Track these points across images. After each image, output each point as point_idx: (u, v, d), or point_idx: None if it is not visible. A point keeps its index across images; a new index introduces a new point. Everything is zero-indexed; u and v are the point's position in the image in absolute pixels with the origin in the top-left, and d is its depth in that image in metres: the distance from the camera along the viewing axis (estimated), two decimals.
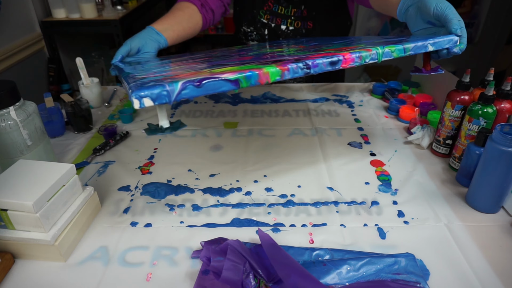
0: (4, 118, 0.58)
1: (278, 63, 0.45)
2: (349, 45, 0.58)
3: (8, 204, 0.49)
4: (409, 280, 0.48)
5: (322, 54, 0.49)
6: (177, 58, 0.72)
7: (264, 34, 1.00)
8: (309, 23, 0.96)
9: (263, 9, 0.97)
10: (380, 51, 0.50)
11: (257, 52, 0.66)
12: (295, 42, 0.78)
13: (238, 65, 0.48)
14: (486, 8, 2.42)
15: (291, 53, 0.61)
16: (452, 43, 0.54)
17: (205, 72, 0.44)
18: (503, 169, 0.56)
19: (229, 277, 0.45)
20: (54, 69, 1.67)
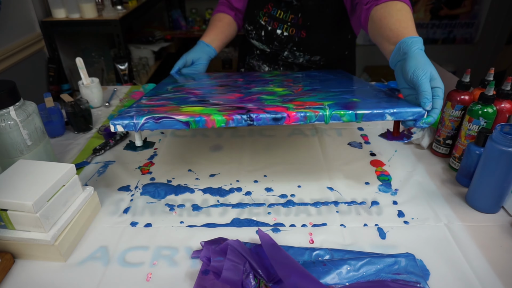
0: (4, 118, 0.58)
1: (231, 111, 0.53)
2: (337, 99, 0.60)
3: (8, 204, 0.49)
4: (409, 280, 0.48)
5: (279, 108, 0.54)
6: (197, 83, 0.83)
7: (261, 35, 1.00)
8: (303, 32, 0.95)
9: (262, 11, 0.98)
10: (327, 113, 0.52)
11: (249, 90, 0.71)
12: (293, 79, 0.83)
13: (206, 105, 0.58)
14: (486, 8, 2.42)
15: (272, 93, 0.67)
16: (418, 116, 0.53)
17: (175, 109, 0.56)
18: (503, 169, 0.56)
19: (229, 277, 0.45)
20: (54, 69, 1.67)
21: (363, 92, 0.65)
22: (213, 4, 1.04)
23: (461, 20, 2.47)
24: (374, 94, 0.62)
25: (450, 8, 2.44)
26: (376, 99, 0.58)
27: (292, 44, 0.98)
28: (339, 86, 0.70)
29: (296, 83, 0.77)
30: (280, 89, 0.70)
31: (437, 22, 2.48)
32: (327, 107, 0.53)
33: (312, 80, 0.80)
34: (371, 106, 0.54)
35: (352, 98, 0.59)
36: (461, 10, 2.44)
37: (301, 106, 0.54)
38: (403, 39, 0.60)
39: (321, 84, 0.73)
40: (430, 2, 2.42)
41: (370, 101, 0.57)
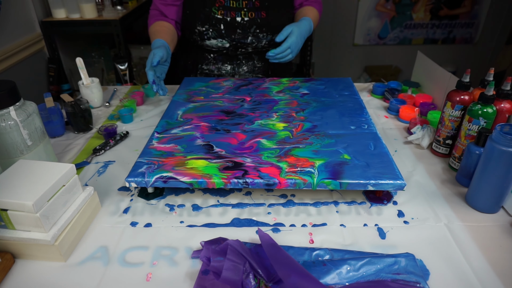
0: (4, 118, 0.58)
1: (227, 176, 0.61)
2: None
3: (8, 204, 0.49)
4: (409, 280, 0.48)
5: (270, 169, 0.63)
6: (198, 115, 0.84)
7: (221, 29, 1.01)
8: (263, 13, 1.02)
9: (215, 6, 1.00)
10: (314, 182, 0.60)
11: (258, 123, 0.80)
12: (298, 100, 0.90)
13: (210, 158, 0.66)
14: (486, 8, 2.42)
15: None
16: (398, 188, 0.61)
17: (182, 164, 0.65)
18: (503, 169, 0.56)
19: (229, 277, 0.45)
20: (54, 69, 1.67)
21: (355, 141, 0.71)
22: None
23: (461, 20, 2.47)
24: (365, 147, 0.69)
25: (450, 8, 2.44)
26: (365, 161, 0.64)
27: (255, 26, 1.02)
28: (338, 123, 0.78)
29: (300, 109, 0.84)
30: (282, 125, 0.78)
31: (437, 22, 2.48)
32: (316, 173, 0.61)
33: (316, 103, 0.87)
34: (357, 173, 0.61)
35: (344, 154, 0.66)
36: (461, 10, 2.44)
37: (293, 168, 0.62)
38: (306, 17, 1.01)
39: (321, 117, 0.81)
40: (430, 2, 2.42)
41: (358, 163, 0.64)
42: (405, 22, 2.48)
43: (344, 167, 0.62)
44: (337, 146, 0.69)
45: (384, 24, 2.47)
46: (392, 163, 0.64)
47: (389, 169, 0.62)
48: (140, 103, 1.01)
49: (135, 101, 0.99)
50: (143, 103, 1.02)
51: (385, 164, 0.63)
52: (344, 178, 0.60)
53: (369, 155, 0.66)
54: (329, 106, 0.85)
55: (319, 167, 0.63)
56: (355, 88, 0.94)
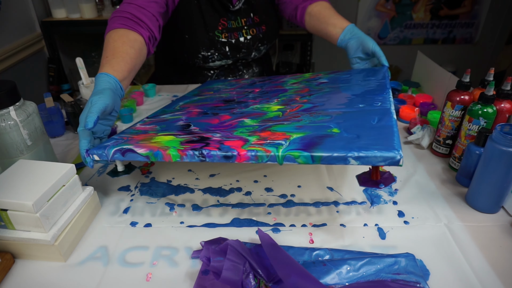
0: (4, 118, 0.58)
1: (182, 148, 0.53)
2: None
3: (8, 204, 0.49)
4: (409, 280, 0.48)
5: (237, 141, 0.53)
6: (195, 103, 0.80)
7: (226, 51, 1.00)
8: (263, 27, 1.03)
9: (218, 29, 0.97)
10: (279, 154, 0.47)
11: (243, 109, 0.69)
12: (310, 88, 0.75)
13: (179, 134, 0.59)
14: (486, 8, 2.42)
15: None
16: (391, 162, 0.44)
17: (148, 139, 0.58)
18: (503, 169, 0.56)
19: (229, 277, 0.45)
20: (54, 69, 1.67)
21: (357, 116, 0.56)
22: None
23: (461, 20, 2.47)
24: (365, 121, 0.54)
25: (450, 8, 2.44)
26: (357, 133, 0.50)
27: (258, 42, 1.03)
28: (344, 102, 0.63)
29: (307, 94, 0.71)
30: (277, 107, 0.66)
31: (437, 22, 2.48)
32: (285, 145, 0.49)
33: (330, 89, 0.72)
34: (339, 145, 0.47)
35: (333, 128, 0.53)
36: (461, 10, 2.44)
37: (261, 141, 0.51)
38: (349, 25, 0.88)
39: (328, 98, 0.66)
40: (430, 2, 2.41)
41: (346, 136, 0.50)
42: (405, 22, 2.48)
43: (324, 140, 0.49)
44: (330, 122, 0.55)
45: (384, 24, 2.47)
46: (393, 133, 0.48)
47: (383, 139, 0.46)
48: (140, 103, 1.01)
49: (135, 101, 0.99)
50: (143, 103, 1.02)
51: (382, 136, 0.48)
52: (318, 150, 0.46)
53: (366, 128, 0.51)
54: (344, 89, 0.71)
55: (294, 139, 0.50)
56: (388, 75, 0.74)
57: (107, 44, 0.71)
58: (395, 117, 0.53)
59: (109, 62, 0.67)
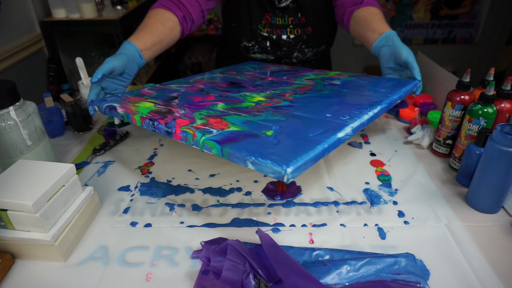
0: (4, 118, 0.57)
1: (145, 116, 0.60)
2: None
3: (8, 204, 0.49)
4: (409, 280, 0.48)
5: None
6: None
7: (267, 46, 1.01)
8: (309, 29, 0.99)
9: (261, 23, 0.98)
10: (200, 142, 0.51)
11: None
12: (313, 86, 0.75)
13: (160, 104, 0.66)
14: (486, 8, 2.42)
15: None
16: (278, 176, 0.44)
17: (134, 102, 0.67)
18: (503, 169, 0.56)
19: (229, 277, 0.45)
20: (54, 69, 1.67)
21: (305, 124, 0.55)
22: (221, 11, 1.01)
23: (461, 20, 2.47)
24: (304, 131, 0.53)
25: (450, 8, 2.44)
26: (280, 140, 0.50)
27: (301, 43, 1.00)
28: (317, 109, 0.61)
29: (302, 92, 0.71)
30: (259, 98, 0.68)
31: (437, 22, 2.48)
32: (212, 134, 0.52)
33: (328, 92, 0.70)
34: (250, 147, 0.48)
35: (270, 130, 0.53)
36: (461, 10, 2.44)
37: (202, 126, 0.55)
38: (387, 31, 0.82)
39: (310, 101, 0.65)
40: (430, 2, 2.42)
41: (269, 140, 0.50)
42: (405, 22, 2.48)
43: (246, 139, 0.51)
44: (275, 124, 0.56)
45: None
46: (308, 149, 0.47)
47: (290, 152, 0.46)
48: None
49: None
50: None
51: (295, 149, 0.47)
52: (230, 146, 0.48)
53: (294, 137, 0.51)
54: (341, 95, 0.68)
55: (225, 132, 0.53)
56: (417, 89, 0.75)
57: (143, 20, 0.83)
58: (350, 134, 0.53)
59: (136, 34, 0.79)
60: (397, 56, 0.77)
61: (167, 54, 2.56)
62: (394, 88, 0.70)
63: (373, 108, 0.61)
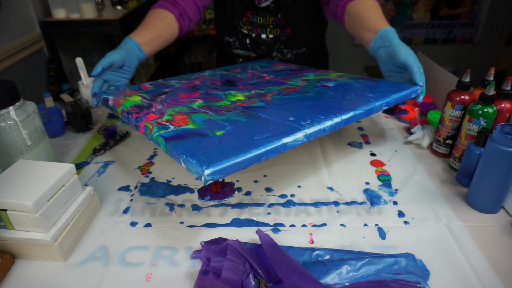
0: (3, 118, 0.57)
1: (126, 109, 0.64)
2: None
3: (8, 204, 0.49)
4: (409, 280, 0.48)
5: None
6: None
7: (246, 43, 1.02)
8: (287, 30, 0.99)
9: (242, 20, 0.99)
10: (154, 136, 0.54)
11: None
12: (302, 88, 0.73)
13: (146, 97, 0.70)
14: (486, 8, 2.42)
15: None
16: None
17: (126, 95, 0.71)
18: (503, 169, 0.56)
19: (229, 277, 0.45)
20: (54, 69, 1.67)
21: (254, 127, 0.55)
22: (213, 4, 1.03)
23: (461, 20, 2.47)
24: (247, 134, 0.53)
25: (450, 8, 2.44)
26: (221, 140, 0.51)
27: (279, 43, 1.01)
28: (284, 113, 0.60)
29: (286, 94, 0.69)
30: (238, 97, 0.68)
31: (437, 22, 2.48)
32: (167, 130, 0.55)
33: (313, 94, 0.68)
34: (190, 145, 0.50)
35: (219, 130, 0.54)
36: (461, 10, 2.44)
37: (164, 121, 0.58)
38: (383, 29, 0.73)
39: (284, 103, 0.64)
40: (430, 2, 2.42)
41: (206, 141, 0.51)
42: (405, 22, 2.48)
43: (193, 137, 0.52)
44: (231, 124, 0.56)
45: None
46: (239, 153, 0.47)
47: (219, 154, 0.47)
48: None
49: None
50: None
51: (229, 150, 0.48)
52: (173, 143, 0.51)
53: (236, 141, 0.51)
54: (318, 99, 0.65)
55: (180, 129, 0.55)
56: (400, 96, 0.66)
57: (143, 20, 0.88)
58: (303, 140, 0.52)
59: (136, 30, 0.84)
60: (395, 58, 0.70)
61: (167, 54, 2.55)
62: (384, 94, 0.66)
63: (343, 114, 0.58)
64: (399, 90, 0.68)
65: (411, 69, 0.68)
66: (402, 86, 0.70)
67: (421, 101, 0.70)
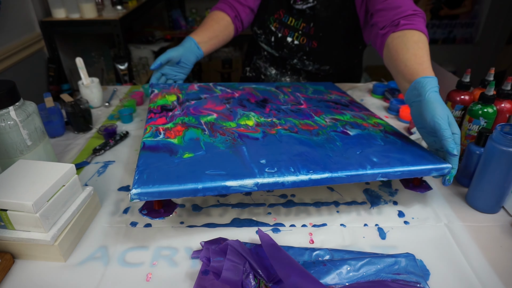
0: (3, 118, 0.57)
1: (152, 107, 0.74)
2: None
3: (8, 204, 0.49)
4: (409, 280, 0.48)
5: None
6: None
7: (271, 41, 1.00)
8: (314, 43, 0.94)
9: (273, 16, 0.97)
10: (142, 140, 0.61)
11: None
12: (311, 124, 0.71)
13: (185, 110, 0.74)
14: (486, 8, 2.42)
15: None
16: None
17: (165, 93, 0.81)
18: (503, 169, 0.56)
19: (229, 277, 0.45)
20: (54, 69, 1.67)
21: (220, 158, 0.56)
22: (213, 4, 1.02)
23: (461, 20, 2.47)
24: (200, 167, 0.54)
25: (450, 8, 2.44)
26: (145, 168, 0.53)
27: (302, 53, 0.98)
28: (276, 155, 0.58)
29: (296, 130, 0.67)
30: (247, 122, 0.69)
31: (437, 22, 2.48)
32: (152, 136, 0.62)
33: (322, 142, 0.63)
34: (154, 160, 0.54)
35: (186, 153, 0.56)
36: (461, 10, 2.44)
37: (162, 128, 0.65)
38: (418, 79, 0.60)
39: (286, 147, 0.61)
40: (430, 2, 2.42)
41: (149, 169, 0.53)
42: None
43: (161, 152, 0.57)
44: (210, 151, 0.58)
45: None
46: (176, 183, 0.49)
47: (160, 177, 0.50)
48: (140, 103, 1.01)
49: (135, 101, 0.99)
50: (143, 103, 1.02)
51: (171, 177, 0.50)
52: (142, 154, 0.56)
53: (188, 169, 0.53)
54: (316, 147, 0.61)
55: (162, 140, 0.61)
56: (412, 171, 0.57)
57: (203, 21, 0.96)
58: (252, 187, 0.51)
59: (196, 30, 0.92)
60: (423, 116, 0.58)
61: None
62: (393, 162, 0.57)
63: (317, 173, 0.53)
64: (418, 162, 0.57)
65: (440, 134, 0.55)
66: (428, 159, 0.58)
67: (448, 183, 0.58)
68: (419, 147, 0.63)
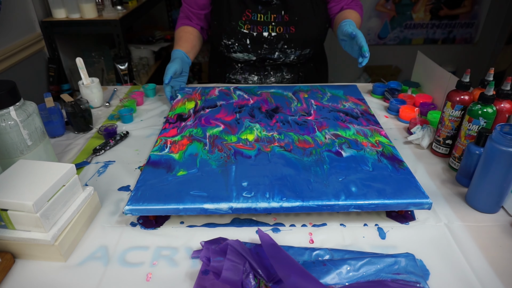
0: (4, 118, 0.58)
1: (170, 116, 0.83)
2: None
3: (8, 204, 0.49)
4: (409, 280, 0.48)
5: None
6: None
7: (247, 44, 1.00)
8: (292, 28, 0.98)
9: (241, 20, 0.97)
10: (150, 151, 0.72)
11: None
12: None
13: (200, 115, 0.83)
14: (486, 8, 2.42)
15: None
16: None
17: (187, 99, 0.90)
18: (503, 169, 0.56)
19: (229, 277, 0.45)
20: (54, 69, 1.67)
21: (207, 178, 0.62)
22: None
23: (461, 20, 2.47)
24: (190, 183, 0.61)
25: (450, 8, 2.44)
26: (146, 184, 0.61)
27: (283, 42, 0.99)
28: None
29: (291, 148, 0.69)
30: (247, 135, 0.74)
31: (437, 22, 2.48)
32: (158, 150, 0.70)
33: (310, 163, 0.65)
34: (151, 176, 0.62)
35: (181, 170, 0.64)
36: (461, 10, 2.44)
37: (170, 142, 0.72)
38: (344, 20, 0.90)
39: (273, 167, 0.64)
40: (430, 2, 2.42)
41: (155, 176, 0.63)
42: (405, 22, 2.48)
43: (159, 169, 0.64)
44: (202, 169, 0.63)
45: (384, 24, 2.47)
46: (161, 202, 0.57)
47: (151, 195, 0.58)
48: (140, 103, 1.01)
49: (135, 101, 0.99)
50: (143, 103, 1.02)
51: (159, 195, 0.58)
52: (146, 168, 0.65)
53: (177, 188, 0.59)
54: (301, 171, 0.63)
55: (166, 156, 0.68)
56: (389, 204, 0.56)
57: (176, 36, 1.06)
58: (226, 210, 0.56)
59: (177, 43, 1.02)
60: (346, 33, 0.87)
61: (167, 54, 2.55)
62: (373, 194, 0.57)
63: (288, 201, 0.56)
64: (398, 196, 0.57)
65: (357, 37, 0.84)
66: (410, 192, 0.57)
67: (360, 66, 0.88)
68: (409, 175, 0.62)
